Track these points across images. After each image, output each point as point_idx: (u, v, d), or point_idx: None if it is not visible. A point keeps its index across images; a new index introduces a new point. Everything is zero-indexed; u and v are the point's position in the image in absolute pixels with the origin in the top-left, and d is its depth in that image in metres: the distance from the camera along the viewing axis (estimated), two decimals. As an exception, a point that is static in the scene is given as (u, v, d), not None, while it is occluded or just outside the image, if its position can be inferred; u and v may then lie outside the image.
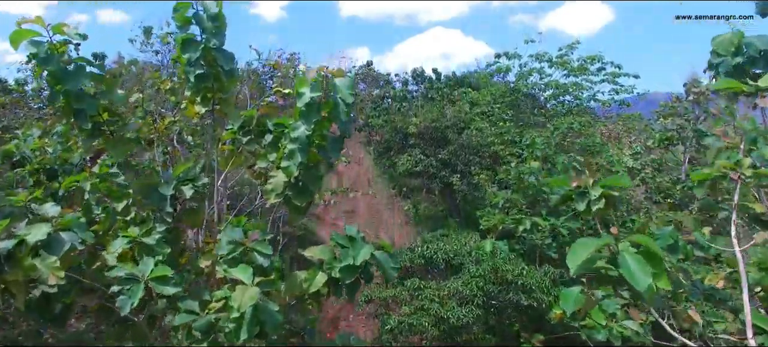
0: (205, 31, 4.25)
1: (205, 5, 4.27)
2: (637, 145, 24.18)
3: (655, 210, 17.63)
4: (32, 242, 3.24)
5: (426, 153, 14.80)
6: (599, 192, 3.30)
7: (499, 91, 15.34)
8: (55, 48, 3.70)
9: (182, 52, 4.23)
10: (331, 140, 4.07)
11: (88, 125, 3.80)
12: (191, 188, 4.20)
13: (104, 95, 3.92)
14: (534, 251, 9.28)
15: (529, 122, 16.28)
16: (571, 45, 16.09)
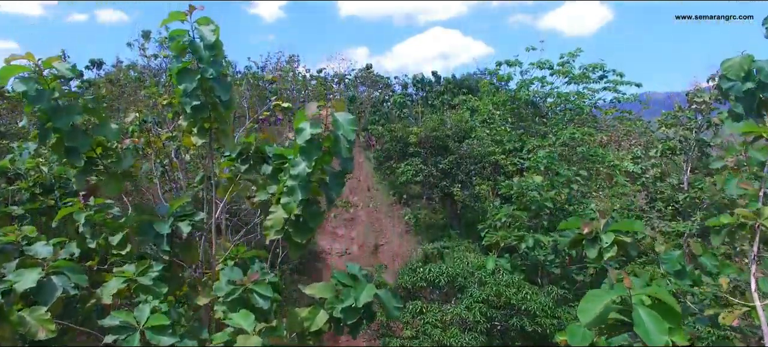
0: (201, 60, 4.13)
1: (201, 33, 4.15)
2: (637, 149, 24.11)
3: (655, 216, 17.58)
4: (21, 290, 3.12)
5: (426, 162, 14.67)
6: (611, 238, 3.17)
7: (501, 99, 15.21)
8: (46, 83, 3.58)
9: (178, 83, 4.11)
10: (332, 176, 3.96)
11: (81, 162, 3.68)
12: (188, 225, 4.09)
13: (98, 130, 3.80)
14: (536, 268, 9.17)
15: (529, 130, 16.17)
16: (572, 53, 15.97)
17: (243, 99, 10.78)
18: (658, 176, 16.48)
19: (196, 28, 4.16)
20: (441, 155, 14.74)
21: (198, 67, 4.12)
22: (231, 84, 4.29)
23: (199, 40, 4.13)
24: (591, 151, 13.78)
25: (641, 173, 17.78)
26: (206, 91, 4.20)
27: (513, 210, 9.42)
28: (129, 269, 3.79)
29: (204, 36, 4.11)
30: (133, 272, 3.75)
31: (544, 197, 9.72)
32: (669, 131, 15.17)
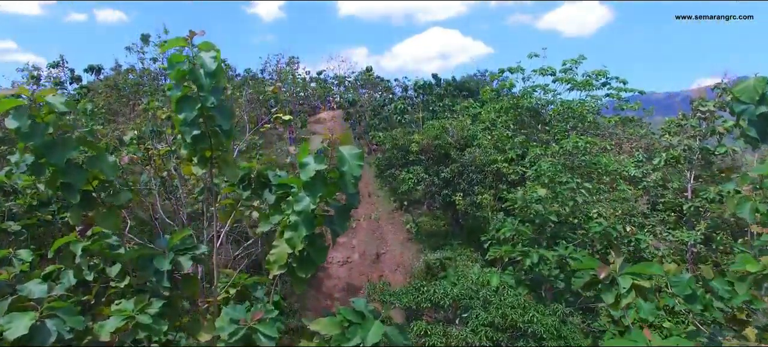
0: (202, 89, 3.99)
1: (202, 60, 4.01)
2: (639, 153, 23.98)
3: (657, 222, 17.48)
4: (13, 339, 2.99)
5: (428, 171, 14.52)
6: (629, 283, 3.04)
7: (504, 106, 15.07)
8: (40, 117, 3.45)
9: (178, 112, 3.97)
10: (337, 210, 3.83)
11: (76, 197, 3.54)
12: (189, 259, 3.96)
13: (94, 163, 3.66)
14: (541, 282, 9.04)
15: (531, 137, 16.04)
16: (575, 59, 15.85)
17: (244, 111, 10.62)
18: (660, 182, 16.38)
19: (196, 55, 4.03)
20: (443, 164, 14.58)
21: (198, 95, 3.99)
22: (232, 112, 4.16)
23: (200, 68, 3.99)
24: (594, 160, 13.66)
25: (642, 177, 17.68)
26: (207, 119, 4.07)
27: (517, 225, 9.29)
28: (127, 306, 3.66)
29: (204, 63, 3.98)
30: (131, 309, 3.63)
31: (548, 210, 9.59)
32: (672, 139, 15.05)
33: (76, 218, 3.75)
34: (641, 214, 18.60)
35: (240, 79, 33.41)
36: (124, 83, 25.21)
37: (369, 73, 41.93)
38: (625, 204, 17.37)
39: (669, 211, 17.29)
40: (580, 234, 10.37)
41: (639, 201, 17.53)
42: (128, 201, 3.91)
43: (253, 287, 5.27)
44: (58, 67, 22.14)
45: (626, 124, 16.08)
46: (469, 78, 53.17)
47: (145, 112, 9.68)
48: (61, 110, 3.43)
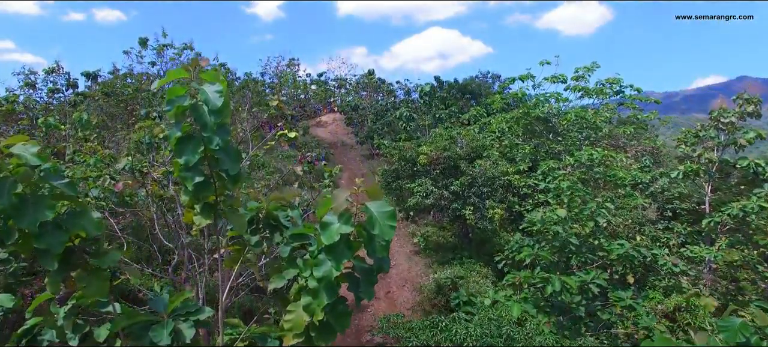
0: (205, 128, 3.45)
1: (206, 95, 3.45)
2: (646, 157, 23.43)
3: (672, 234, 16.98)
4: None
5: (437, 183, 13.99)
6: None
7: (515, 116, 14.56)
8: (7, 172, 2.90)
9: (177, 154, 3.43)
10: (363, 273, 3.32)
11: (54, 264, 2.99)
12: (191, 326, 3.44)
13: (75, 221, 3.11)
14: (562, 310, 8.53)
15: (541, 146, 15.53)
16: (588, 67, 15.36)
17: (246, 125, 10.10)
18: (675, 195, 15.90)
19: (198, 88, 3.48)
20: (452, 176, 14.06)
21: (201, 135, 3.45)
22: (240, 154, 3.62)
23: (203, 104, 3.45)
24: (610, 173, 13.16)
25: (650, 183, 17.20)
26: (211, 162, 3.54)
27: (537, 250, 8.78)
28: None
29: (209, 98, 3.42)
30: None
31: (569, 233, 9.08)
32: (688, 149, 14.56)
33: (55, 287, 3.20)
34: (650, 222, 18.12)
35: (240, 83, 32.90)
36: (122, 87, 24.67)
37: (371, 76, 41.41)
38: (634, 213, 16.90)
39: (685, 224, 16.81)
40: (600, 256, 9.86)
41: (648, 210, 17.04)
42: (116, 262, 3.37)
43: (261, 338, 4.76)
44: (54, 72, 21.57)
45: (640, 132, 15.60)
46: (471, 80, 52.67)
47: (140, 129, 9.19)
48: (33, 162, 2.89)
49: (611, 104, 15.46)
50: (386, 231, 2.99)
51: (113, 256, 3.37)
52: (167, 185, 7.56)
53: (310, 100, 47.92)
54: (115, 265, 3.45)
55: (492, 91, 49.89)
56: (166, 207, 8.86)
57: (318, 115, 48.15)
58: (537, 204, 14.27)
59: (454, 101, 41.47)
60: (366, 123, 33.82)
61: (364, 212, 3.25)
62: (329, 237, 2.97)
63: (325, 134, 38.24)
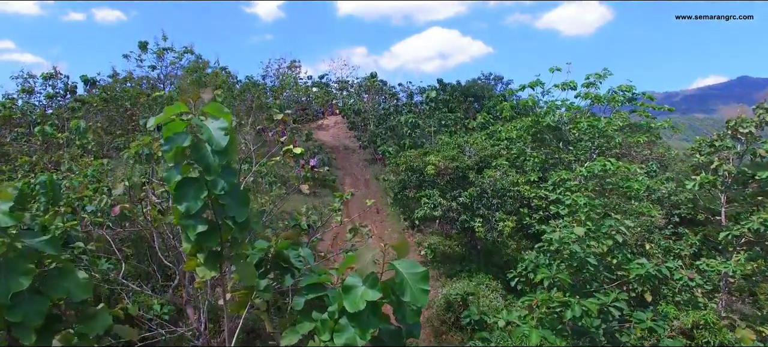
0: (209, 170, 3.04)
1: (209, 133, 3.04)
2: (653, 162, 23.00)
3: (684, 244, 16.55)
4: None
5: (445, 194, 13.58)
6: None
7: (525, 124, 14.16)
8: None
9: (177, 201, 3.03)
10: (389, 337, 2.91)
11: (31, 337, 2.55)
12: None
13: (56, 285, 2.69)
14: (582, 334, 8.14)
15: (552, 156, 15.13)
16: (600, 74, 14.96)
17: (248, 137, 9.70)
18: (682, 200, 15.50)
19: (201, 124, 3.05)
20: (460, 187, 13.66)
21: (204, 178, 3.04)
22: (248, 198, 3.22)
23: (206, 143, 3.03)
24: (625, 184, 12.77)
25: (657, 189, 16.80)
26: (215, 208, 3.14)
27: (555, 271, 8.38)
28: None
29: (212, 137, 3.00)
30: None
31: (587, 252, 8.68)
32: (703, 158, 14.16)
33: (36, 361, 2.78)
34: (657, 228, 17.72)
35: (241, 86, 32.52)
36: (122, 92, 24.31)
37: (373, 79, 41.01)
38: (643, 220, 16.51)
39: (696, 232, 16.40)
40: (618, 276, 9.47)
41: (656, 217, 16.65)
42: (109, 327, 2.95)
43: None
44: (52, 77, 21.18)
45: (652, 141, 15.23)
46: (474, 82, 52.27)
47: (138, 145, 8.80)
48: (5, 223, 2.49)
49: (623, 112, 15.06)
50: (419, 297, 2.59)
51: (104, 320, 2.97)
52: (168, 208, 7.16)
53: (311, 102, 47.55)
54: (108, 325, 3.04)
55: (495, 93, 49.56)
56: (167, 229, 8.48)
57: (319, 118, 47.76)
58: (548, 217, 13.88)
59: (457, 104, 41.11)
60: (368, 127, 33.44)
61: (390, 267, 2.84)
62: (353, 304, 2.58)
63: (326, 137, 37.83)
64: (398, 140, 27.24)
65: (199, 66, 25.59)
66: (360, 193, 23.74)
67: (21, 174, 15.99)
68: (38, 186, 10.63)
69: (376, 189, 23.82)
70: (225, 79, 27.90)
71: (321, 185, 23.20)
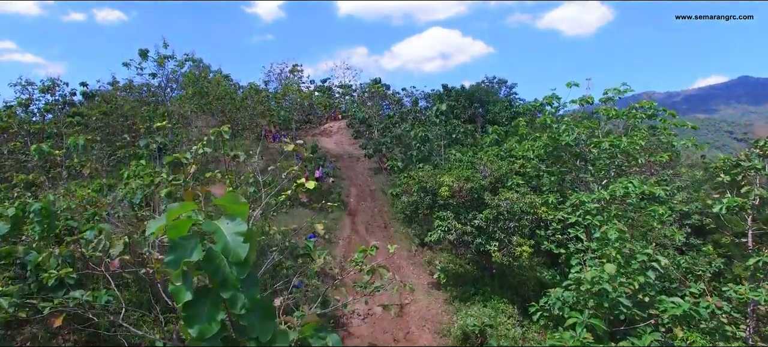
0: (225, 284, 2.47)
1: (223, 239, 2.45)
2: (666, 172, 22.35)
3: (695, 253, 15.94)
4: None
5: (459, 217, 12.98)
6: None
7: (541, 144, 13.56)
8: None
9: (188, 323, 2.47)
10: None
11: None
12: None
13: None
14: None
15: (568, 173, 14.52)
16: (618, 89, 14.36)
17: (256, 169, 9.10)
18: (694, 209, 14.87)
19: (214, 228, 2.47)
20: (475, 208, 13.07)
21: (219, 296, 2.47)
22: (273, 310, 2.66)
23: (221, 253, 2.45)
24: (649, 208, 12.20)
25: (669, 198, 16.16)
26: (236, 330, 2.59)
27: (587, 318, 7.80)
28: None
29: (228, 246, 2.43)
30: None
31: (619, 291, 8.11)
32: (726, 177, 13.57)
33: None
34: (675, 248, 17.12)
35: (242, 93, 31.92)
36: (122, 101, 23.78)
37: (377, 85, 40.38)
38: (655, 232, 15.93)
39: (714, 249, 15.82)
40: (650, 314, 8.90)
41: (671, 228, 16.05)
42: None
43: None
44: (49, 91, 20.57)
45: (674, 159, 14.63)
46: (478, 86, 51.65)
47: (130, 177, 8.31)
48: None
49: (643, 127, 14.45)
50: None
51: None
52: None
53: (314, 106, 46.94)
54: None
55: (499, 97, 48.93)
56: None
57: (322, 122, 47.17)
58: (567, 240, 13.31)
59: (462, 110, 40.48)
60: (373, 135, 32.86)
61: None
62: None
63: (331, 144, 37.22)
64: (405, 149, 26.64)
65: (200, 77, 24.97)
66: (366, 205, 23.13)
67: (17, 193, 15.45)
68: (33, 214, 10.04)
69: (382, 201, 23.21)
70: (227, 89, 27.32)
71: (327, 198, 22.60)
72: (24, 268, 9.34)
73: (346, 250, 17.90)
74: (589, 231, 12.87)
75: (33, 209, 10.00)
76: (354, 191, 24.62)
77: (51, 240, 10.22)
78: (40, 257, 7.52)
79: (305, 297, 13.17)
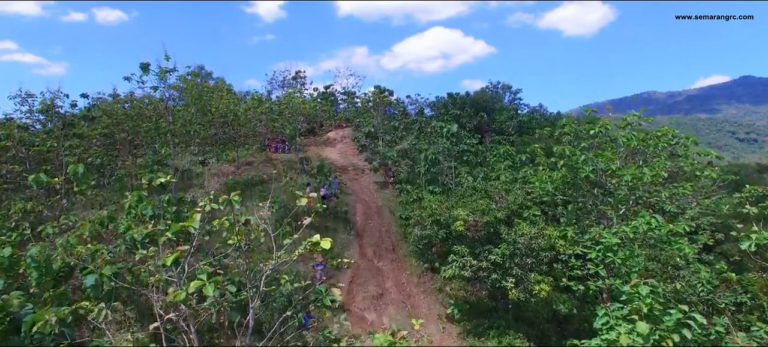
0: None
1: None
2: (682, 185, 21.69)
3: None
4: None
5: (474, 251, 12.45)
6: None
7: (558, 176, 13.01)
8: None
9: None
10: None
11: None
12: None
13: None
14: None
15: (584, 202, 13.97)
16: (638, 115, 13.83)
17: (267, 223, 8.59)
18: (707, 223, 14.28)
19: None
20: (491, 242, 12.55)
21: None
22: None
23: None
24: (674, 245, 11.69)
25: (681, 212, 15.56)
26: None
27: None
28: None
29: None
30: None
31: None
32: (754, 210, 13.03)
33: None
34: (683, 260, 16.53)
35: (245, 104, 31.36)
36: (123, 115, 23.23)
37: (382, 94, 39.83)
38: (668, 253, 15.37)
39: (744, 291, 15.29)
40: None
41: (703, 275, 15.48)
42: None
43: None
44: (48, 110, 20.03)
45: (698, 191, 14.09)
46: (483, 92, 51.05)
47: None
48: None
49: (663, 155, 13.90)
50: None
51: None
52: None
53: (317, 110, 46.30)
54: None
55: (505, 105, 48.33)
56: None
57: (324, 130, 46.57)
58: (588, 277, 12.79)
59: (468, 119, 39.92)
60: (379, 146, 32.31)
61: None
62: None
63: (334, 155, 36.64)
64: (412, 164, 26.10)
65: (202, 91, 24.37)
66: (373, 224, 22.58)
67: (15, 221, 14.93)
68: (30, 259, 9.48)
69: (390, 220, 22.64)
70: (229, 104, 26.74)
71: (333, 217, 22.05)
72: (16, 324, 8.74)
73: (354, 276, 17.38)
74: (611, 267, 12.36)
75: (30, 254, 9.47)
76: (360, 209, 24.06)
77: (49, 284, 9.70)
78: (36, 316, 7.04)
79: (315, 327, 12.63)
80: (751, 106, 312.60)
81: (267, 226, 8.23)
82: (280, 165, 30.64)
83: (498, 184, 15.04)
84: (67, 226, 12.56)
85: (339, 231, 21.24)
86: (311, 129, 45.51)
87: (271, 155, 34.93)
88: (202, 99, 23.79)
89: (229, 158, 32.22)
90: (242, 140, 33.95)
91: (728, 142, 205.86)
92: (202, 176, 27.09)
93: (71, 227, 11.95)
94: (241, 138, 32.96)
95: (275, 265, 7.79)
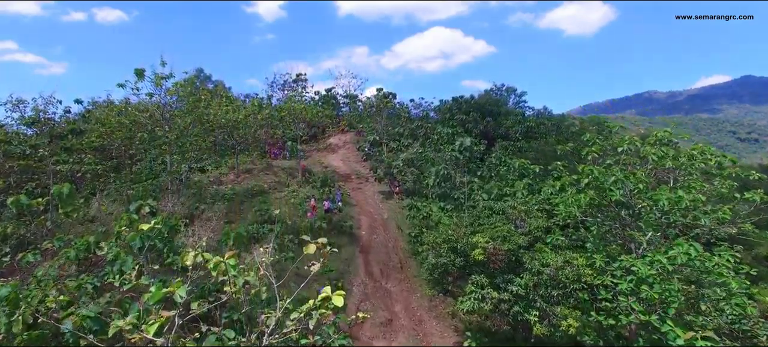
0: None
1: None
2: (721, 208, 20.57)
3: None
4: None
5: (494, 283, 11.40)
6: None
7: (587, 197, 11.98)
8: None
9: None
10: None
11: None
12: None
13: None
14: None
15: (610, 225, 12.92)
16: (669, 132, 12.79)
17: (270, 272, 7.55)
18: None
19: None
20: (512, 271, 11.50)
21: None
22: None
23: None
24: (719, 277, 10.66)
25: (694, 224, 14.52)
26: None
27: None
28: None
29: None
30: None
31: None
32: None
33: None
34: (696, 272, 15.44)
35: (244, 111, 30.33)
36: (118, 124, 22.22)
37: (386, 99, 38.75)
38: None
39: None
40: None
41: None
42: None
43: None
44: (35, 124, 18.97)
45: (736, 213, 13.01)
46: (488, 95, 49.95)
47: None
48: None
49: (696, 174, 12.86)
50: None
51: None
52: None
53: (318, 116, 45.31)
54: None
55: (509, 108, 47.21)
56: None
57: (326, 135, 45.50)
58: (616, 311, 11.73)
59: (474, 124, 38.81)
60: (383, 153, 31.24)
61: None
62: None
63: (337, 162, 35.55)
64: (418, 173, 25.04)
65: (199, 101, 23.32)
66: (379, 238, 21.53)
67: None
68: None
69: (396, 235, 21.59)
70: (228, 110, 25.67)
71: (337, 231, 20.98)
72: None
73: (361, 299, 16.33)
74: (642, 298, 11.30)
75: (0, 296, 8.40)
76: (365, 222, 22.99)
77: (22, 329, 8.66)
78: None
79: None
80: (752, 106, 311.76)
81: (269, 274, 7.12)
82: (281, 173, 29.59)
83: (516, 204, 14.02)
84: (50, 251, 11.53)
85: (343, 247, 20.18)
86: (313, 134, 44.45)
87: (272, 162, 33.92)
88: (199, 108, 22.71)
89: (228, 164, 31.17)
90: (242, 147, 32.96)
91: (729, 142, 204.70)
92: (201, 183, 26.00)
93: (55, 253, 10.93)
94: (241, 145, 31.98)
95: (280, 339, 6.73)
